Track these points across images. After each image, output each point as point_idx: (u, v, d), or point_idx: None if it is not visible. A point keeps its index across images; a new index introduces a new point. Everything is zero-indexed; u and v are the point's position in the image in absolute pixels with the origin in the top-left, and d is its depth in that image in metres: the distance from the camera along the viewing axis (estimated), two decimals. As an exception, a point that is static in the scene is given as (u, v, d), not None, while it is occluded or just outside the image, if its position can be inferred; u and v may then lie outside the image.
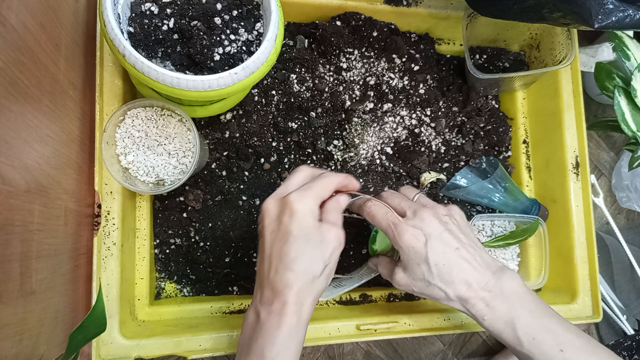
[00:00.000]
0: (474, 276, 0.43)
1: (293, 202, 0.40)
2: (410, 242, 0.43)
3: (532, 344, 0.41)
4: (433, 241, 0.43)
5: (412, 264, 0.44)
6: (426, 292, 0.44)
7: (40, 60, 0.41)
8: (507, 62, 0.69)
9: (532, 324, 0.42)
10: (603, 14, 0.43)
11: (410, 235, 0.43)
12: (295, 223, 0.39)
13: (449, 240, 0.44)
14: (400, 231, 0.44)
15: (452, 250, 0.44)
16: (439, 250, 0.43)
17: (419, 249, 0.43)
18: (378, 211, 0.46)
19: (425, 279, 0.43)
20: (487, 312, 0.43)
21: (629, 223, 0.79)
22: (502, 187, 0.63)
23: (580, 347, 0.41)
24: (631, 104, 0.58)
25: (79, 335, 0.39)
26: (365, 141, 0.62)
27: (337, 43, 0.61)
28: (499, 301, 0.43)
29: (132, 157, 0.49)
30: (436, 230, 0.44)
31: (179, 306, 0.56)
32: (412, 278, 0.44)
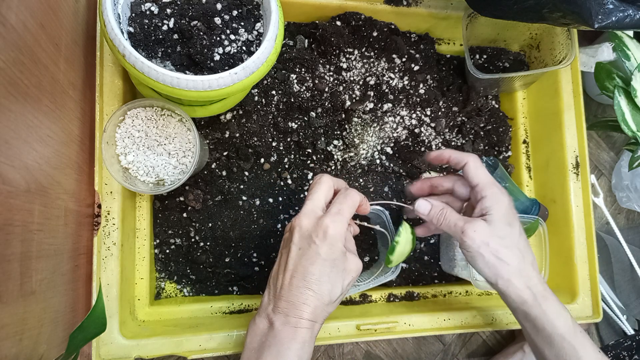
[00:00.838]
0: (531, 269, 0.46)
1: (328, 227, 0.41)
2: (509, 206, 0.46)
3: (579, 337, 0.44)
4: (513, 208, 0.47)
5: (501, 223, 0.45)
6: (501, 253, 0.44)
7: (40, 60, 0.40)
8: (507, 62, 0.69)
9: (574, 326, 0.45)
10: (603, 14, 0.43)
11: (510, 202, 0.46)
12: (327, 247, 0.41)
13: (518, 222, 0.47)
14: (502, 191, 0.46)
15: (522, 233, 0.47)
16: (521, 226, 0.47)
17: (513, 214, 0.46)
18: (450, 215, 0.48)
19: (510, 239, 0.45)
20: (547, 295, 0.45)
21: (629, 223, 0.79)
22: (502, 187, 0.63)
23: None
24: (631, 104, 0.58)
25: (79, 335, 0.39)
26: (365, 141, 0.62)
27: (337, 43, 0.61)
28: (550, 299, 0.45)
29: (132, 157, 0.49)
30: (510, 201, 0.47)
31: (179, 306, 0.56)
32: (495, 233, 0.45)
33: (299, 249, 0.41)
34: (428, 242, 0.65)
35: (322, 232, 0.41)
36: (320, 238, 0.41)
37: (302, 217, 0.42)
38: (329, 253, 0.41)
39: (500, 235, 0.44)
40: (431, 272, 0.64)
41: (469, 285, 0.65)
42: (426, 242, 0.65)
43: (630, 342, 0.59)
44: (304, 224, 0.42)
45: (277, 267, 0.43)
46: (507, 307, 0.58)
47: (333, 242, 0.41)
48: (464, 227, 0.45)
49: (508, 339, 0.72)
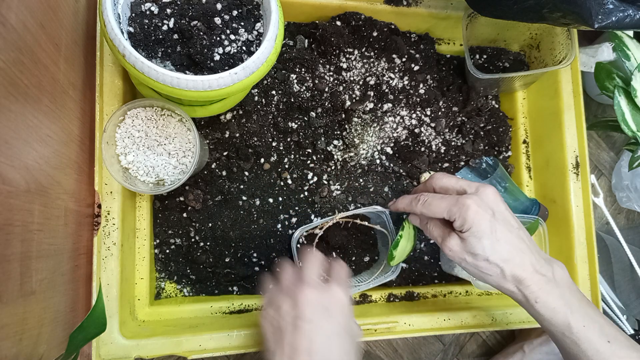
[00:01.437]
0: (530, 258, 0.44)
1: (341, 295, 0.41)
2: (476, 215, 0.43)
3: (581, 332, 0.42)
4: (498, 217, 0.43)
5: (472, 238, 0.43)
6: (480, 267, 0.44)
7: (40, 60, 0.40)
8: (507, 62, 0.69)
9: (581, 312, 0.43)
10: (603, 14, 0.43)
11: (477, 208, 0.43)
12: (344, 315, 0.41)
13: (510, 219, 0.44)
14: (465, 204, 0.43)
15: (514, 229, 0.44)
16: (504, 227, 0.43)
17: (484, 223, 0.43)
18: (433, 198, 0.46)
19: (484, 254, 0.43)
20: (540, 295, 0.43)
21: (629, 223, 0.79)
22: (502, 187, 0.63)
23: (624, 342, 0.42)
24: (631, 104, 0.58)
25: (79, 335, 0.39)
26: (365, 141, 0.62)
27: (337, 43, 0.61)
28: (552, 286, 0.43)
29: (132, 157, 0.49)
30: (500, 207, 0.44)
31: (179, 306, 0.56)
32: (467, 251, 0.44)
33: (311, 324, 0.38)
34: (428, 242, 0.65)
35: (335, 300, 0.41)
36: (338, 308, 0.40)
37: (309, 291, 0.40)
38: (345, 319, 0.41)
39: (476, 251, 0.43)
40: (431, 272, 0.64)
41: (469, 285, 0.65)
42: (426, 242, 0.65)
43: (630, 342, 0.59)
44: (312, 296, 0.40)
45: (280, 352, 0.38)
46: (507, 307, 0.59)
47: (347, 308, 0.41)
48: (442, 245, 0.46)
49: (508, 339, 0.72)
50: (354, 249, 0.61)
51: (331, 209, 0.61)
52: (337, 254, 0.60)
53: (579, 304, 0.43)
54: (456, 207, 0.44)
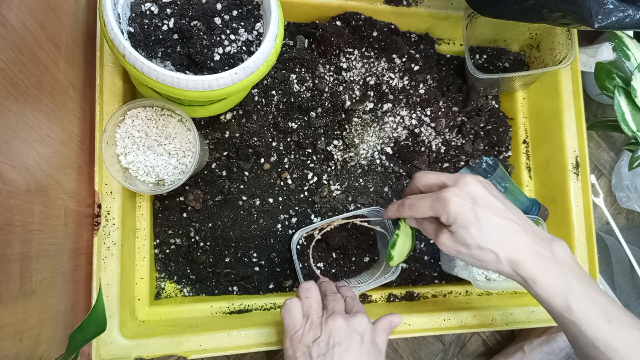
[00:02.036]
0: (525, 239, 0.42)
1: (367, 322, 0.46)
2: (458, 207, 0.42)
3: (581, 312, 0.40)
4: (481, 203, 0.43)
5: (460, 229, 0.43)
6: (475, 256, 0.43)
7: (40, 60, 0.40)
8: (507, 62, 0.69)
9: (581, 292, 0.41)
10: (603, 14, 0.43)
11: (457, 200, 0.42)
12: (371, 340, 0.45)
13: (495, 203, 0.43)
14: (445, 198, 0.43)
15: (501, 212, 0.43)
16: (488, 212, 0.42)
17: (467, 212, 0.42)
18: (417, 199, 0.46)
19: (476, 242, 0.42)
20: (539, 276, 0.41)
21: (629, 223, 0.79)
22: (502, 187, 0.63)
23: (626, 321, 0.41)
24: (631, 104, 0.58)
25: (79, 335, 0.39)
26: (365, 141, 0.62)
27: (337, 43, 0.61)
28: (551, 266, 0.42)
29: (132, 157, 0.49)
30: (481, 193, 0.43)
31: (179, 306, 0.56)
32: (459, 243, 0.43)
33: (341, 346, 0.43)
34: (428, 242, 0.65)
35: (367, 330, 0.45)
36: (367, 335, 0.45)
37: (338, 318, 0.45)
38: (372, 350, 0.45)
39: (466, 241, 0.43)
40: (431, 272, 0.64)
41: (469, 285, 0.65)
42: (426, 242, 0.65)
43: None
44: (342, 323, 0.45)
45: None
46: (507, 307, 0.59)
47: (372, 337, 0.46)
48: (437, 241, 0.45)
49: (508, 339, 0.72)
50: (354, 250, 0.61)
51: (331, 209, 0.61)
52: (337, 255, 0.60)
53: (580, 284, 0.42)
54: (437, 203, 0.43)
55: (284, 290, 0.61)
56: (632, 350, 0.39)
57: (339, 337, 0.44)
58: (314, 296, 0.48)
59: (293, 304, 0.47)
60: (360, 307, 0.49)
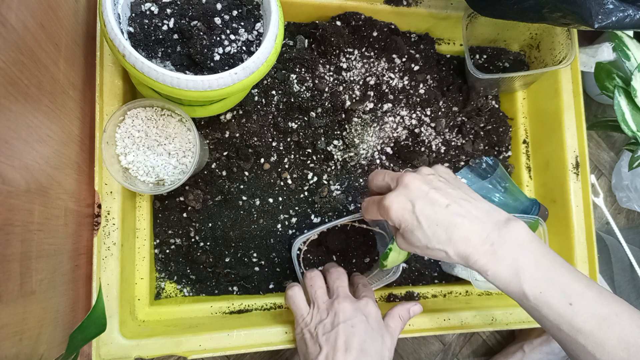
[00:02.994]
0: (473, 230, 0.40)
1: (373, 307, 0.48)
2: (398, 214, 0.41)
3: (538, 298, 0.39)
4: (420, 204, 0.41)
5: (407, 233, 0.42)
6: (429, 255, 0.42)
7: (40, 60, 0.40)
8: (507, 62, 0.69)
9: (537, 276, 0.39)
10: (603, 14, 0.43)
11: (397, 206, 0.41)
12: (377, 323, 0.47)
13: (437, 198, 0.41)
14: (386, 205, 0.42)
15: (443, 208, 0.41)
16: (428, 212, 0.41)
17: (407, 217, 0.41)
18: (368, 203, 0.47)
19: (423, 244, 0.41)
20: (490, 267, 0.40)
21: (629, 223, 0.79)
22: (502, 187, 0.63)
23: (591, 298, 0.38)
24: (631, 104, 0.58)
25: (79, 335, 0.39)
26: (365, 141, 0.62)
27: (337, 43, 0.61)
28: (503, 253, 0.40)
29: (132, 157, 0.49)
30: (421, 192, 0.42)
31: (179, 306, 0.56)
32: (410, 245, 0.42)
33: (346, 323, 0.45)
34: (428, 242, 0.64)
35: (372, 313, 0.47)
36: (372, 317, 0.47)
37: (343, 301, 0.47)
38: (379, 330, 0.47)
39: (414, 245, 0.42)
40: (431, 272, 0.64)
41: (469, 285, 0.65)
42: (426, 242, 0.64)
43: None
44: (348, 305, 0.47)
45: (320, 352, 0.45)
46: (507, 307, 0.59)
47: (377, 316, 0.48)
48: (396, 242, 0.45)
49: (508, 339, 0.72)
50: (354, 252, 0.61)
51: (331, 209, 0.61)
52: (337, 258, 0.60)
53: (535, 267, 0.39)
54: (382, 210, 0.43)
55: (284, 290, 0.61)
56: (597, 329, 0.37)
57: (344, 316, 0.46)
58: (318, 283, 0.50)
59: (295, 293, 0.50)
60: (370, 293, 0.51)
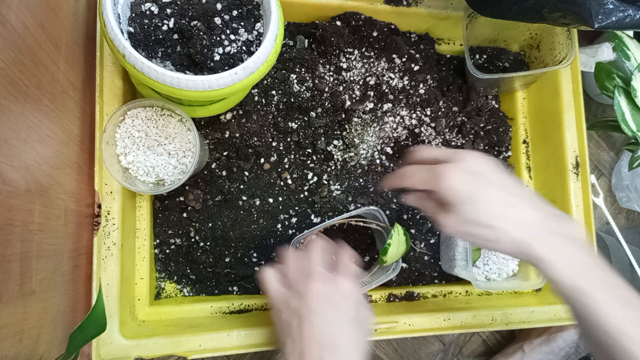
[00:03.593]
0: (532, 214, 0.40)
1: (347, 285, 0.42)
2: (455, 183, 0.40)
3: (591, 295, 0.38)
4: (479, 179, 0.41)
5: (458, 205, 0.41)
6: (474, 234, 0.41)
7: (40, 60, 0.40)
8: (507, 62, 0.69)
9: (592, 273, 0.39)
10: (603, 14, 0.43)
11: (454, 177, 0.40)
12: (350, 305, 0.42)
13: (494, 178, 0.41)
14: (442, 173, 0.41)
15: (501, 187, 0.41)
16: (487, 187, 0.40)
17: (463, 189, 0.40)
18: (414, 169, 0.44)
19: (474, 219, 0.40)
20: (546, 255, 0.39)
21: (629, 223, 0.79)
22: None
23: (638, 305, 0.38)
24: (631, 104, 0.58)
25: (79, 335, 0.39)
26: (365, 141, 0.62)
27: (337, 43, 0.61)
28: (560, 245, 0.39)
29: (132, 157, 0.49)
30: (481, 168, 0.41)
31: (179, 306, 0.56)
32: (459, 220, 0.41)
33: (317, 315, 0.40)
34: (428, 242, 0.65)
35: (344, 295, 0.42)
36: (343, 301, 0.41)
37: (314, 283, 0.42)
38: (355, 308, 0.42)
39: (465, 220, 0.41)
40: (431, 272, 0.64)
41: (469, 285, 0.65)
42: (426, 242, 0.64)
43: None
44: (318, 289, 0.41)
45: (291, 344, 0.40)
46: (507, 307, 0.59)
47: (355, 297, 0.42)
48: (437, 223, 0.43)
49: (508, 339, 0.72)
50: (353, 250, 0.61)
51: (331, 209, 0.61)
52: None
53: (591, 265, 0.39)
54: (433, 177, 0.41)
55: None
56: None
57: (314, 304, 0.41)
58: (288, 255, 0.46)
59: (266, 275, 0.45)
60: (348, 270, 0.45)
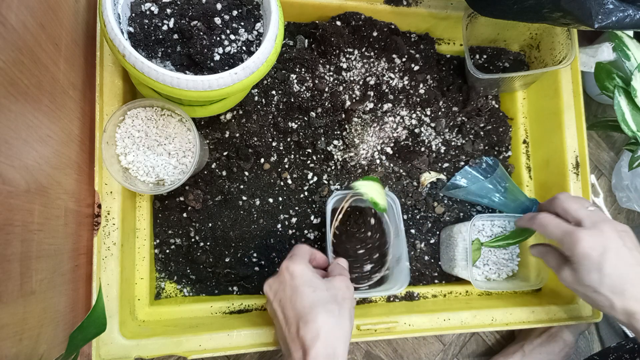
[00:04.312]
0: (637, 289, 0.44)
1: (287, 267, 0.44)
2: (587, 250, 0.45)
3: None
4: (610, 254, 0.45)
5: (583, 270, 0.46)
6: (590, 297, 0.46)
7: (40, 60, 0.40)
8: (507, 62, 0.69)
9: None
10: (603, 14, 0.43)
11: (588, 243, 0.45)
12: (298, 279, 0.43)
13: (625, 255, 0.45)
14: (577, 238, 0.46)
15: (628, 265, 0.45)
16: (615, 263, 0.45)
17: (594, 258, 0.45)
18: (550, 221, 0.49)
19: (593, 286, 0.45)
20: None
21: (629, 223, 0.79)
22: (502, 187, 0.63)
23: None
24: (631, 104, 0.58)
25: (79, 335, 0.39)
26: (365, 141, 0.62)
27: (337, 43, 0.61)
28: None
29: (132, 157, 0.49)
30: (614, 244, 0.45)
31: (179, 306, 0.56)
32: (578, 282, 0.46)
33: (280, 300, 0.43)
34: (428, 242, 0.65)
35: (287, 273, 0.43)
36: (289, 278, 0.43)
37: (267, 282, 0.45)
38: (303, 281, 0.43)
39: (585, 283, 0.46)
40: (431, 272, 0.64)
41: (469, 285, 0.65)
42: (426, 242, 0.64)
43: (632, 345, 0.59)
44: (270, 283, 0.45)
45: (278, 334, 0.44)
46: (507, 307, 0.59)
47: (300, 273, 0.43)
48: (557, 274, 0.49)
49: (508, 339, 0.72)
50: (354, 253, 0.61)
51: (331, 209, 0.61)
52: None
53: None
54: (569, 238, 0.46)
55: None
56: None
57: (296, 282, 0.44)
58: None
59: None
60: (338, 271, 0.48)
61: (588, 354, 0.73)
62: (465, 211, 0.66)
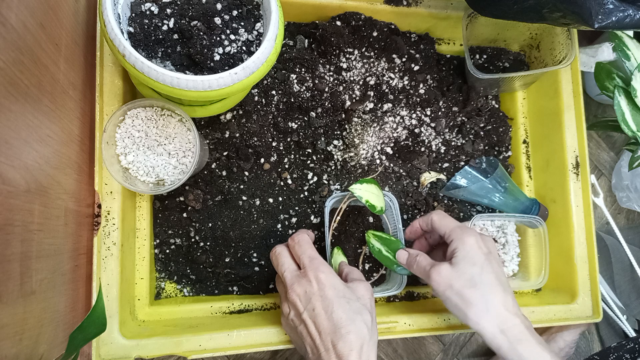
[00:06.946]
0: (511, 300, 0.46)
1: (316, 277, 0.44)
2: (474, 245, 0.47)
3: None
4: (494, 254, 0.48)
5: (465, 263, 0.46)
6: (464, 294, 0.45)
7: (40, 60, 0.40)
8: (507, 62, 0.69)
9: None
10: (603, 14, 0.43)
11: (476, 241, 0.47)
12: (331, 290, 0.43)
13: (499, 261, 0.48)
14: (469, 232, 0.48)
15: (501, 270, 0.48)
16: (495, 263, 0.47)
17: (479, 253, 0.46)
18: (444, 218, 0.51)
19: (473, 279, 0.45)
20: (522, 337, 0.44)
21: (629, 223, 0.79)
22: (502, 187, 0.63)
23: None
24: (631, 104, 0.58)
25: (79, 335, 0.39)
26: (365, 141, 0.62)
27: (337, 43, 0.61)
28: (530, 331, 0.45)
29: (132, 157, 0.49)
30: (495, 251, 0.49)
31: (179, 306, 0.56)
32: (458, 275, 0.46)
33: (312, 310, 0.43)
34: (428, 242, 0.64)
35: (316, 282, 0.44)
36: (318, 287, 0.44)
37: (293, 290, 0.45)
38: (336, 293, 0.43)
39: (465, 277, 0.45)
40: (431, 272, 0.64)
41: (469, 285, 0.65)
42: (426, 242, 0.64)
43: (632, 345, 0.59)
44: (296, 289, 0.44)
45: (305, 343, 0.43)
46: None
47: (331, 283, 0.44)
48: (430, 272, 0.47)
49: (508, 339, 0.72)
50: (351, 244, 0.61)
51: (331, 209, 0.61)
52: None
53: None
54: (461, 231, 0.48)
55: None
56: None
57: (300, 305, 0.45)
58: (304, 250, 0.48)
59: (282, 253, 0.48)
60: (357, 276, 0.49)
61: (588, 354, 0.73)
62: (465, 211, 0.66)
